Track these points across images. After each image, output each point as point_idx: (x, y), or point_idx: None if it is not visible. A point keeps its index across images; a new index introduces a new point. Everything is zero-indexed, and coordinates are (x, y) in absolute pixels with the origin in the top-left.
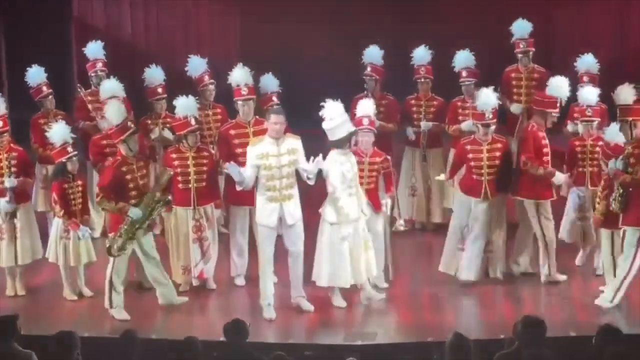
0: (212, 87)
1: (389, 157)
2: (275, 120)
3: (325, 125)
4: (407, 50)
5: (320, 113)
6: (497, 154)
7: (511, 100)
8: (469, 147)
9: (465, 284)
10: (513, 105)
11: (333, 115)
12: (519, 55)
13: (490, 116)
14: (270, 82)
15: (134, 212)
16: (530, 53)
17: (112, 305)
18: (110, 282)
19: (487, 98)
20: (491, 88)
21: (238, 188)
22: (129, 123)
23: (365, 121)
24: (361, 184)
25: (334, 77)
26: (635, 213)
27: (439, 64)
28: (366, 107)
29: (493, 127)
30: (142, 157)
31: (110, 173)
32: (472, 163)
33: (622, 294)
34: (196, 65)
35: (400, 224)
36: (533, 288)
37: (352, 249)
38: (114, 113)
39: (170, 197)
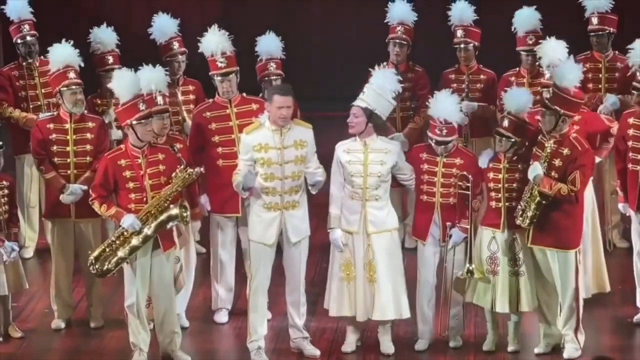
0: (182, 57)
1: (480, 165)
2: (280, 104)
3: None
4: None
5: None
6: None
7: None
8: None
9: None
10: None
11: (372, 82)
12: (591, 36)
13: None
14: (268, 45)
15: (128, 221)
16: (606, 34)
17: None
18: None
19: (554, 50)
20: (560, 42)
21: (244, 195)
22: (141, 103)
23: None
24: (432, 195)
25: (343, 41)
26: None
27: (491, 25)
28: (446, 106)
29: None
30: (159, 149)
31: (102, 167)
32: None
33: None
34: (164, 27)
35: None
36: None
37: (351, 269)
38: (122, 85)
39: (183, 208)
